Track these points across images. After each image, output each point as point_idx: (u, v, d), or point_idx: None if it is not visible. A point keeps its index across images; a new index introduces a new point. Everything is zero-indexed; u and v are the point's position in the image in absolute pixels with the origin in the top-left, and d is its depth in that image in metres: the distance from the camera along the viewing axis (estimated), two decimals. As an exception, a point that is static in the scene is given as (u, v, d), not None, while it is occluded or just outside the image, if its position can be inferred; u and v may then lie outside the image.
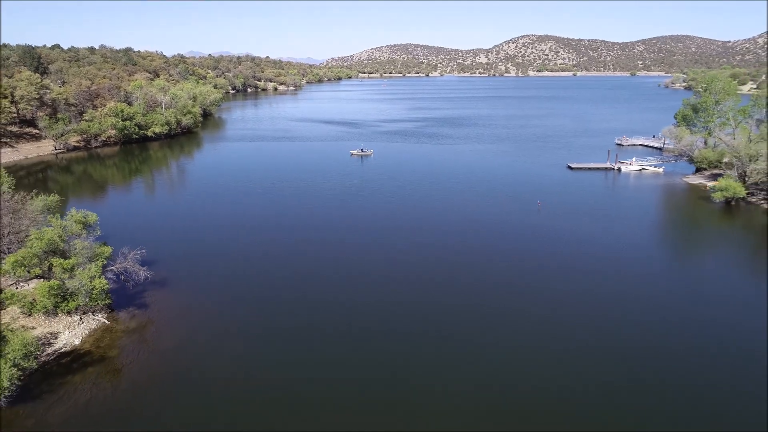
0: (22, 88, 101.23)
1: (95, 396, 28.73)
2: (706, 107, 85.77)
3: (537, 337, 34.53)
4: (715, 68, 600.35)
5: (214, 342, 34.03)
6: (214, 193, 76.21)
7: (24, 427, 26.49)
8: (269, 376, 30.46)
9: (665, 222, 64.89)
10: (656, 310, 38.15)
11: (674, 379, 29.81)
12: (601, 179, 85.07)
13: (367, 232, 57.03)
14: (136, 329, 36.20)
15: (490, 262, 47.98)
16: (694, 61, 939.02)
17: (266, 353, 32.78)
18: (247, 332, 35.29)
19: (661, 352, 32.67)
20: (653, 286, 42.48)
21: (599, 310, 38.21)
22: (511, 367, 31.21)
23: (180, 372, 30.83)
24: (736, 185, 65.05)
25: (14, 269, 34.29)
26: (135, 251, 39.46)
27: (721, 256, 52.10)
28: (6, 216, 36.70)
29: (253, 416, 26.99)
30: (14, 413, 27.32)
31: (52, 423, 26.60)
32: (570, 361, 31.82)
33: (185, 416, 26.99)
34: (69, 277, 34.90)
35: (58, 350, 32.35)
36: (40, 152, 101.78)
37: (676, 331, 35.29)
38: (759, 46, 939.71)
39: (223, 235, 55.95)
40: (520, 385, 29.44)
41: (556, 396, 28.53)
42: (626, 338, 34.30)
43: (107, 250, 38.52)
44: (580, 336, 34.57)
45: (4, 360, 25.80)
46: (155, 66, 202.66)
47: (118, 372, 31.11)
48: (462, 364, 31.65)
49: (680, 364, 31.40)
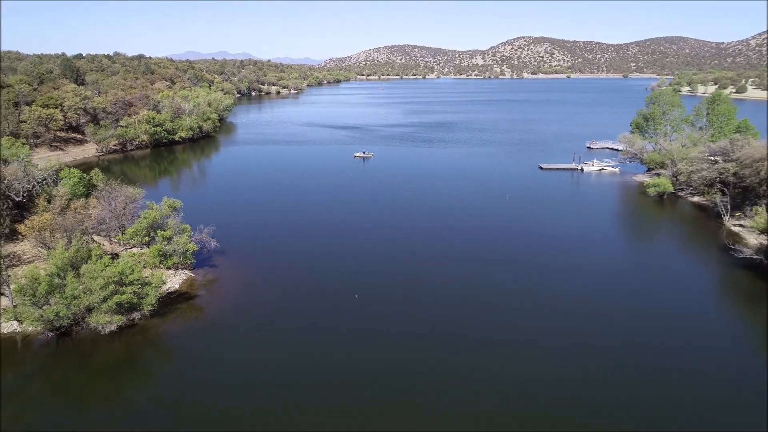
0: (69, 99, 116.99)
1: (190, 318, 44.57)
2: (654, 117, 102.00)
3: (508, 299, 50.63)
4: (706, 70, 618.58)
5: (262, 291, 49.98)
6: (245, 187, 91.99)
7: (156, 332, 42.29)
8: (299, 313, 46.50)
9: (613, 210, 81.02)
10: (605, 275, 54.32)
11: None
12: (567, 177, 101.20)
13: (369, 218, 73.15)
14: (210, 281, 52.05)
15: (467, 239, 64.09)
16: (686, 63, 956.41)
17: (296, 298, 48.80)
18: (282, 285, 51.27)
19: (616, 315, 48.81)
20: (599, 258, 58.64)
21: (555, 276, 54.31)
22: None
23: (238, 309, 46.60)
24: (666, 182, 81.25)
25: (131, 237, 50.16)
26: (208, 228, 55.26)
27: (651, 234, 68.51)
28: (122, 203, 52.46)
29: (290, 335, 43.03)
30: (152, 323, 43.16)
31: (170, 331, 42.38)
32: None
33: (242, 338, 42.85)
34: (167, 243, 50.77)
35: (166, 290, 48.23)
36: (85, 154, 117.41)
37: (625, 293, 51.46)
38: (751, 48, 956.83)
39: (261, 219, 71.93)
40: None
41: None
42: (575, 302, 50.43)
43: (188, 226, 54.38)
44: (539, 300, 50.71)
45: (150, 287, 41.68)
46: (170, 74, 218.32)
47: (200, 307, 46.67)
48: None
49: (633, 324, 47.55)
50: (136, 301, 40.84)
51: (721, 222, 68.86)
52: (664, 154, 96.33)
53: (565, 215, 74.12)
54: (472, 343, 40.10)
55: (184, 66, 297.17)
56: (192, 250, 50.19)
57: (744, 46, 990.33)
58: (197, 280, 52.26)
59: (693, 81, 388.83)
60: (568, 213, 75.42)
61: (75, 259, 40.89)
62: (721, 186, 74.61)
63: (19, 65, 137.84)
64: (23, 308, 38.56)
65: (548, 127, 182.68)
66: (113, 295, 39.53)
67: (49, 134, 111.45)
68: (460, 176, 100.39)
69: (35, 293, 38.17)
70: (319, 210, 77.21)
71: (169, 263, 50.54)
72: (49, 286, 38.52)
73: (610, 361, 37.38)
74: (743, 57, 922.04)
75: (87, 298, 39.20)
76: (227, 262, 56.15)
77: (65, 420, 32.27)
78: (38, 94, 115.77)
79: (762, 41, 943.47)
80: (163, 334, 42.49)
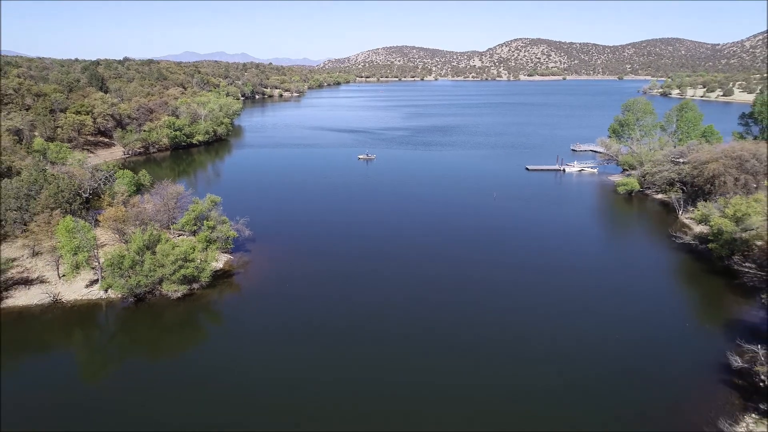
0: (98, 106, 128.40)
1: (232, 290, 56.15)
2: (629, 123, 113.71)
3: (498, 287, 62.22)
4: (698, 72, 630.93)
5: (285, 269, 61.46)
6: (261, 186, 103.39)
7: (208, 299, 53.69)
8: (316, 286, 58.05)
9: (588, 205, 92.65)
10: (577, 259, 65.95)
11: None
12: (551, 178, 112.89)
13: (373, 212, 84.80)
14: (245, 262, 63.45)
15: (459, 231, 75.68)
16: (680, 65, 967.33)
17: (321, 272, 60.33)
18: (301, 265, 62.77)
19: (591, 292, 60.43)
20: (573, 244, 70.27)
21: (535, 259, 65.91)
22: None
23: (268, 284, 58.18)
24: (633, 181, 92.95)
25: (183, 227, 61.60)
26: (243, 219, 66.64)
27: (617, 226, 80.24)
28: (172, 198, 63.89)
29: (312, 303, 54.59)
30: (205, 293, 54.53)
31: (218, 299, 53.74)
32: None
33: (272, 306, 54.32)
34: (211, 231, 62.15)
35: (213, 268, 59.64)
36: (113, 156, 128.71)
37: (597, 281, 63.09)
38: (745, 49, 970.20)
39: (280, 212, 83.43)
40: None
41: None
42: (553, 279, 62.03)
43: (226, 218, 65.76)
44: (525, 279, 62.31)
45: (206, 264, 53.17)
46: (181, 80, 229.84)
47: (238, 283, 58.14)
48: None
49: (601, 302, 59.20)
50: (196, 274, 52.28)
51: (676, 215, 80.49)
52: (634, 156, 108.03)
53: (546, 210, 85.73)
54: (466, 339, 51.71)
55: (191, 70, 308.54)
56: (233, 236, 61.63)
57: (738, 48, 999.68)
58: (234, 261, 63.72)
59: (683, 84, 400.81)
60: (549, 208, 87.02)
61: (149, 242, 52.28)
62: (681, 185, 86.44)
63: (50, 74, 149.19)
64: (112, 279, 49.97)
65: (538, 131, 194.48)
66: (180, 269, 50.96)
67: (81, 138, 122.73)
68: (454, 177, 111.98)
69: (121, 267, 49.59)
70: (329, 205, 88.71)
71: (213, 248, 61.87)
72: (132, 262, 49.95)
73: (581, 329, 49.02)
74: (737, 59, 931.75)
75: (160, 271, 50.64)
76: (257, 247, 67.59)
77: (140, 369, 42.16)
78: (70, 102, 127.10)
79: (756, 43, 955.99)
80: (214, 302, 54.00)
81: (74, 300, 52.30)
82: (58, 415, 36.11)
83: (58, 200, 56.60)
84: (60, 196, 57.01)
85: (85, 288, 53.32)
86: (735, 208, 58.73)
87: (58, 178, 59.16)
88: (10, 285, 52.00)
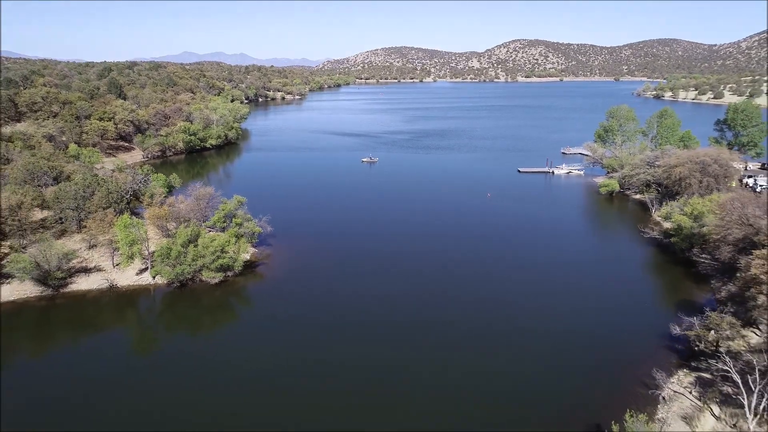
0: (120, 113, 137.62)
1: (258, 278, 65.45)
2: (612, 129, 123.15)
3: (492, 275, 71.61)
4: (694, 74, 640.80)
5: (302, 262, 70.73)
6: (272, 186, 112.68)
7: (239, 286, 62.92)
8: (329, 277, 67.36)
9: (573, 204, 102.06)
10: (560, 252, 75.35)
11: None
12: (540, 179, 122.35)
13: (377, 211, 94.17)
14: (267, 255, 72.66)
15: (456, 228, 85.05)
16: (677, 66, 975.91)
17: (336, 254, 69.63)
18: (316, 259, 72.05)
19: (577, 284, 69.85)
20: (557, 238, 79.66)
21: (523, 251, 75.27)
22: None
23: (288, 273, 67.46)
24: (614, 182, 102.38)
25: (214, 224, 70.89)
26: (265, 217, 75.83)
27: (597, 222, 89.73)
28: (204, 198, 73.16)
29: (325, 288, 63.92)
30: (237, 280, 63.77)
31: (247, 286, 62.92)
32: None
33: (291, 293, 63.60)
34: (239, 227, 71.37)
35: (243, 259, 68.88)
36: (133, 160, 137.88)
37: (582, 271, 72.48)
38: (741, 50, 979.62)
39: (292, 211, 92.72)
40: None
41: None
42: (540, 268, 71.42)
43: (251, 216, 74.95)
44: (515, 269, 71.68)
45: (239, 255, 62.45)
46: (190, 85, 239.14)
47: (262, 272, 67.40)
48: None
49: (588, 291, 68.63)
50: (231, 264, 61.56)
51: (650, 214, 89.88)
52: (616, 159, 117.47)
53: (535, 208, 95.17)
54: (462, 332, 61.09)
55: (196, 74, 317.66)
56: (258, 232, 70.92)
57: (735, 49, 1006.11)
58: (258, 254, 73.01)
59: (675, 87, 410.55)
60: (538, 207, 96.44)
61: (191, 236, 61.52)
62: (656, 186, 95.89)
63: (72, 83, 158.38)
64: (161, 267, 59.23)
65: (532, 134, 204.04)
66: (217, 260, 60.22)
67: (104, 143, 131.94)
68: (451, 178, 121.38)
69: (169, 257, 58.86)
70: (337, 204, 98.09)
71: (243, 241, 71.10)
72: (177, 253, 59.21)
73: (558, 310, 58.41)
74: (732, 60, 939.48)
75: (201, 261, 59.89)
76: (276, 242, 76.88)
77: (183, 342, 51.13)
78: (93, 109, 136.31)
79: (752, 44, 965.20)
80: (244, 288, 63.28)
81: (127, 285, 61.61)
82: (118, 382, 45.29)
83: (109, 200, 65.81)
84: (110, 197, 66.22)
85: (135, 275, 62.60)
86: (693, 207, 68.13)
87: (107, 181, 68.35)
88: (72, 273, 61.24)
